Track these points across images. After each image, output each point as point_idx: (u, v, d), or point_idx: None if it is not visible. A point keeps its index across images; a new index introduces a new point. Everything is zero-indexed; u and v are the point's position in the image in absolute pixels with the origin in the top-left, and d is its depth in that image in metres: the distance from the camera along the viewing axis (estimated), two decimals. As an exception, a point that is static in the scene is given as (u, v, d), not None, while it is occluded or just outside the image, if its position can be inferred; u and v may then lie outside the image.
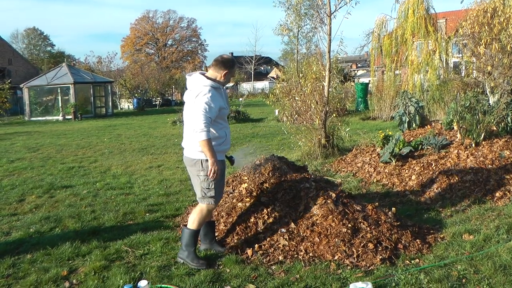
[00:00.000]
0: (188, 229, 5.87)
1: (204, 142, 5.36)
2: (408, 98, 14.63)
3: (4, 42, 73.40)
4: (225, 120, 5.86)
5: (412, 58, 19.48)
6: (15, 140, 21.33)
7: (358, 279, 5.11)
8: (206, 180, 5.66)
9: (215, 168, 5.43)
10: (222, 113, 5.68)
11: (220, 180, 5.79)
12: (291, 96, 18.54)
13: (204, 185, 5.71)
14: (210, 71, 5.80)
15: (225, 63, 5.73)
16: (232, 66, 5.78)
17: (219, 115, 5.64)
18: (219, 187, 5.78)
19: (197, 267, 5.66)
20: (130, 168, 12.68)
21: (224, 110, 5.73)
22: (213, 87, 5.58)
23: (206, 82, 5.60)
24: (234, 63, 5.84)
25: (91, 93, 39.27)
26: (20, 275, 5.69)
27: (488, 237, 6.13)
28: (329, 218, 6.14)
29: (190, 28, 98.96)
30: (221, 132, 5.71)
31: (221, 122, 5.75)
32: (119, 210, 8.32)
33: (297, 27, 19.03)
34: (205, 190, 5.72)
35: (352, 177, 10.00)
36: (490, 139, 9.77)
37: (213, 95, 5.50)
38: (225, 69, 5.70)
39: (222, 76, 5.72)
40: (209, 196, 5.73)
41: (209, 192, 5.71)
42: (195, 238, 5.86)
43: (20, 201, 9.36)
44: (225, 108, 5.76)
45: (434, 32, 19.03)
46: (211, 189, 5.69)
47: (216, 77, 5.72)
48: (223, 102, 5.68)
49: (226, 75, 5.72)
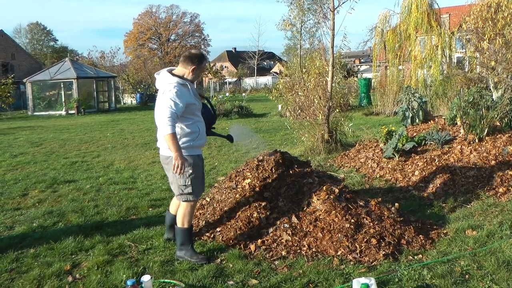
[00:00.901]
0: (180, 228, 5.88)
1: (168, 136, 5.29)
2: (411, 94, 14.60)
3: (7, 37, 73.47)
4: (197, 115, 5.76)
5: (415, 53, 19.42)
6: (18, 135, 21.36)
7: (361, 274, 5.11)
8: (182, 177, 5.63)
9: (179, 162, 5.30)
10: (191, 109, 5.62)
11: (198, 175, 5.77)
12: (294, 91, 18.47)
13: (180, 182, 5.70)
14: (178, 67, 5.79)
15: (192, 58, 5.70)
16: (200, 61, 5.73)
17: (188, 111, 5.58)
18: (197, 183, 5.76)
19: (198, 262, 5.68)
20: (133, 163, 12.69)
21: (193, 106, 5.65)
22: (179, 83, 5.55)
23: (172, 79, 5.57)
24: (203, 59, 5.78)
25: (94, 88, 39.26)
26: (23, 269, 5.71)
27: (491, 232, 6.12)
28: (332, 213, 6.14)
29: (193, 23, 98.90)
30: (193, 127, 5.67)
31: (192, 118, 5.68)
32: (122, 205, 8.33)
33: (300, 22, 18.97)
34: (182, 187, 5.72)
35: (355, 172, 9.99)
36: (493, 135, 9.75)
37: (179, 91, 5.46)
38: (193, 65, 5.67)
39: (190, 72, 5.69)
40: (186, 192, 5.72)
41: (186, 188, 5.71)
42: (189, 236, 5.87)
43: (23, 195, 9.38)
44: (195, 104, 5.67)
45: (437, 27, 18.96)
46: (188, 185, 5.69)
47: (184, 73, 5.70)
48: (191, 98, 5.61)
49: (194, 71, 5.68)
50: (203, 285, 5.09)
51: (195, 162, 5.68)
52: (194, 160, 5.68)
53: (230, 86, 74.06)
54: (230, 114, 25.34)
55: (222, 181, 7.80)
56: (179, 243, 5.89)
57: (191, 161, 5.63)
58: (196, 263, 5.68)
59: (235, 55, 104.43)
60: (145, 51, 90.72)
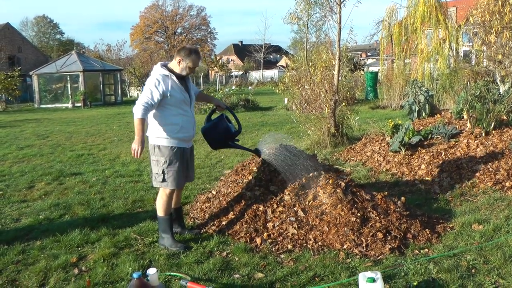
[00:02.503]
0: (158, 216, 6.10)
1: (136, 120, 5.54)
2: (418, 87, 14.56)
3: (13, 30, 73.58)
4: (182, 108, 5.86)
5: (422, 47, 19.35)
6: (24, 127, 21.42)
7: (367, 268, 5.10)
8: (157, 165, 5.87)
9: (136, 146, 5.48)
10: (173, 100, 5.74)
11: (175, 167, 5.87)
12: (301, 84, 18.48)
13: (154, 170, 5.93)
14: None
15: (179, 51, 5.87)
16: (187, 54, 5.81)
17: (171, 102, 5.74)
18: (172, 174, 5.87)
19: (177, 251, 5.83)
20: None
21: (176, 98, 5.76)
22: (162, 74, 5.74)
23: (157, 70, 5.81)
24: (190, 52, 5.84)
25: (100, 81, 39.34)
26: (30, 261, 5.73)
27: (498, 227, 6.11)
28: (338, 207, 6.13)
29: (200, 16, 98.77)
30: (174, 119, 5.81)
31: (176, 110, 5.81)
32: (128, 198, 8.34)
33: (306, 15, 18.97)
34: (155, 175, 5.93)
35: (361, 166, 9.97)
36: (500, 128, 9.72)
37: (158, 81, 5.66)
38: (179, 57, 5.83)
39: (176, 64, 5.84)
40: (159, 180, 5.90)
41: (159, 177, 5.88)
42: (167, 223, 6.03)
43: (29, 187, 9.41)
44: (176, 96, 5.76)
45: (444, 21, 18.90)
46: (160, 174, 5.86)
47: (173, 66, 5.88)
48: (173, 90, 5.73)
49: (179, 63, 5.82)
50: (209, 278, 5.09)
51: (171, 154, 5.83)
52: (171, 152, 5.83)
53: (236, 80, 74.00)
54: (236, 108, 25.30)
55: (228, 174, 7.81)
56: (160, 230, 6.11)
57: (167, 152, 5.81)
58: (175, 251, 5.82)
59: (242, 48, 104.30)
60: (151, 44, 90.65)
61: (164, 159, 5.81)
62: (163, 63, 5.98)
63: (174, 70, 5.84)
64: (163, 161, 5.81)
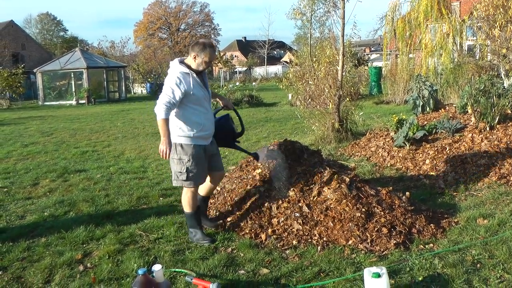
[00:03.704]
0: (185, 213, 6.13)
1: (160, 121, 5.56)
2: (422, 82, 14.56)
3: (17, 27, 73.67)
4: (204, 107, 5.85)
5: (426, 42, 19.32)
6: (29, 125, 21.43)
7: (372, 263, 5.10)
8: (179, 163, 5.82)
9: (164, 147, 5.54)
10: (194, 98, 5.72)
11: (197, 165, 5.85)
12: (305, 80, 18.46)
13: (176, 169, 5.87)
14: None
15: (193, 47, 5.81)
16: (202, 49, 5.75)
17: (192, 100, 5.71)
18: (194, 171, 5.85)
19: (206, 244, 5.88)
20: (144, 152, 12.71)
21: (196, 96, 5.73)
22: (182, 72, 5.69)
23: (176, 68, 5.76)
24: (205, 46, 5.77)
25: (104, 78, 39.40)
26: (35, 258, 5.74)
27: (503, 221, 6.10)
28: (343, 202, 6.13)
29: (203, 12, 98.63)
30: (197, 117, 5.77)
31: (197, 107, 5.78)
32: (133, 194, 8.35)
33: (310, 11, 19.01)
34: (178, 173, 5.88)
35: (366, 161, 9.96)
36: (504, 123, 9.69)
37: (179, 79, 5.61)
38: (194, 53, 5.76)
39: (192, 60, 5.79)
40: (181, 179, 5.88)
41: (181, 175, 5.85)
42: (194, 218, 6.05)
43: (34, 185, 9.42)
44: (197, 94, 5.75)
45: (448, 15, 18.87)
46: (183, 173, 5.82)
47: (189, 62, 5.83)
48: (194, 87, 5.71)
49: (195, 58, 5.76)
50: (214, 274, 5.09)
51: (194, 152, 5.80)
52: (194, 150, 5.80)
53: (240, 76, 73.92)
54: (241, 104, 25.28)
55: (232, 170, 7.81)
56: (188, 226, 6.14)
57: (190, 150, 5.77)
58: (206, 246, 5.84)
59: (245, 44, 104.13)
60: (155, 41, 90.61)
61: (188, 157, 5.76)
62: (180, 59, 5.93)
63: (191, 66, 5.79)
64: (186, 159, 5.77)
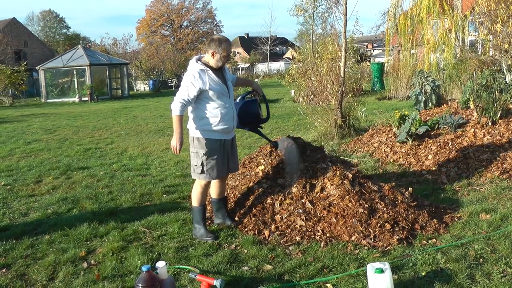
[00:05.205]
0: (192, 207, 6.17)
1: (174, 117, 5.75)
2: (424, 77, 14.54)
3: (20, 25, 73.69)
4: (223, 101, 5.88)
5: (428, 37, 19.28)
6: (31, 122, 21.46)
7: (375, 259, 5.11)
8: (196, 156, 5.94)
9: (176, 142, 5.69)
10: (210, 94, 5.77)
11: (214, 159, 5.93)
12: (307, 76, 18.49)
13: (193, 162, 6.00)
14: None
15: (209, 44, 5.85)
16: (219, 45, 5.79)
17: (209, 96, 5.78)
18: (211, 165, 5.93)
19: (209, 241, 5.91)
20: (147, 149, 12.73)
21: (209, 92, 5.76)
22: (199, 69, 5.77)
23: (193, 66, 5.84)
24: (220, 42, 5.81)
25: (107, 75, 39.41)
26: (39, 255, 5.75)
27: (505, 216, 6.10)
28: (346, 198, 6.14)
29: (206, 9, 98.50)
30: (214, 112, 5.83)
31: (215, 103, 5.83)
32: (136, 191, 8.36)
33: (312, 7, 19.00)
34: (194, 167, 6.00)
35: (368, 157, 9.96)
36: (506, 118, 9.70)
37: (195, 77, 5.71)
38: (211, 50, 5.80)
39: (211, 57, 5.83)
40: (197, 172, 5.98)
41: (198, 168, 5.95)
42: (200, 214, 6.10)
43: (37, 182, 9.44)
44: (214, 90, 5.78)
45: (450, 11, 18.83)
46: (199, 166, 5.92)
47: (208, 59, 5.87)
48: (211, 84, 5.76)
49: (213, 55, 5.80)
50: (217, 271, 5.11)
51: (211, 146, 5.88)
52: (210, 144, 5.87)
53: (243, 72, 73.90)
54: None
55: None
56: (193, 221, 6.19)
57: (205, 144, 5.87)
58: (209, 242, 5.86)
59: (248, 41, 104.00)
60: (157, 38, 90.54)
61: (203, 151, 5.86)
62: (198, 57, 5.99)
63: (210, 64, 5.83)
64: (202, 153, 5.87)
